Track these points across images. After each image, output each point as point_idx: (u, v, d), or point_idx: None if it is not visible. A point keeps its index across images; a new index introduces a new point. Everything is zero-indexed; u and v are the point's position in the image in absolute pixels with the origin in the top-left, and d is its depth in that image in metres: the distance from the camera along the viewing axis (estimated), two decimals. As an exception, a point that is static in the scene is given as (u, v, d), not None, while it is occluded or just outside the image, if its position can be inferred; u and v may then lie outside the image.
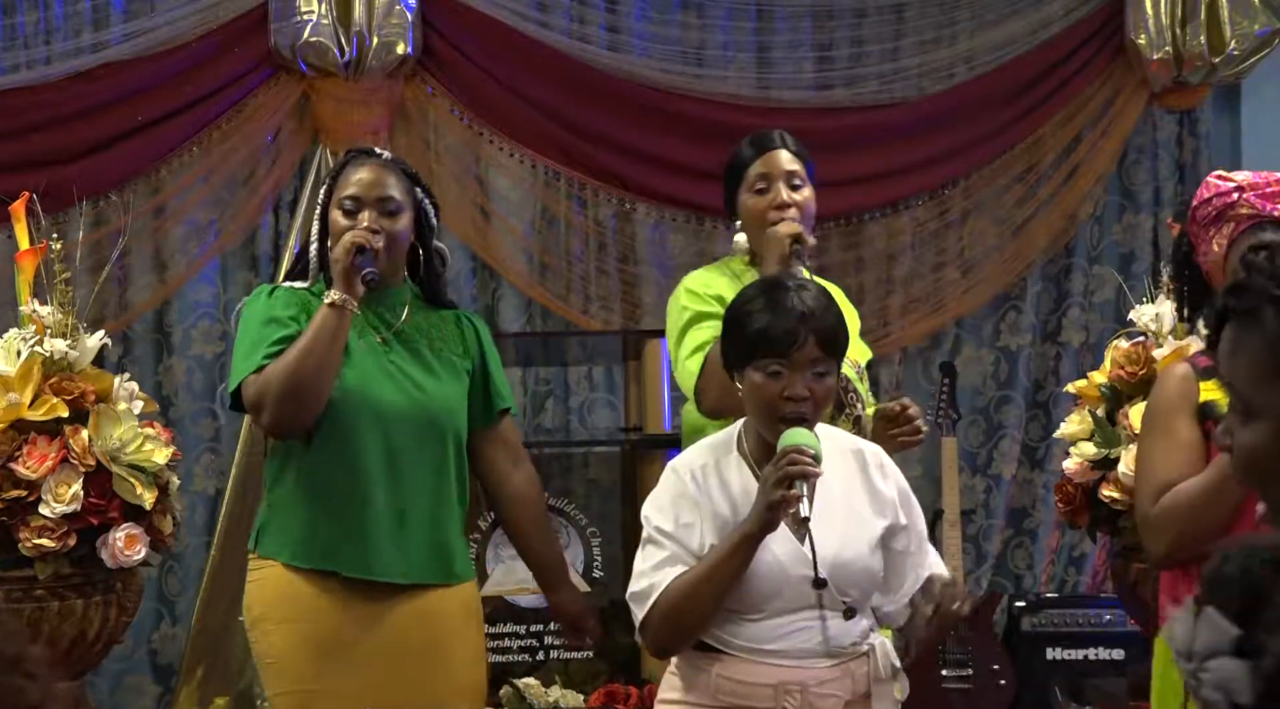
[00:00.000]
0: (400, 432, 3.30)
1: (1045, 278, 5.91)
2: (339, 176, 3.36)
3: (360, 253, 3.22)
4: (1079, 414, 4.15)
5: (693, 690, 2.82)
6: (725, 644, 2.79)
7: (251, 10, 5.47)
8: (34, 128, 5.39)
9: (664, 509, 2.84)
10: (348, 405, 3.26)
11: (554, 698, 4.75)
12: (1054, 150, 5.84)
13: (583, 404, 5.73)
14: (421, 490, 3.33)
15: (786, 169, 3.56)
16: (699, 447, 2.93)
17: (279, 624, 3.31)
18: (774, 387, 2.74)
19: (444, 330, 3.44)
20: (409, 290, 3.44)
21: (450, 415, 3.37)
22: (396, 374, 3.33)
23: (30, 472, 3.78)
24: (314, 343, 3.19)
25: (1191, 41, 5.70)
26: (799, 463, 2.65)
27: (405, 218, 3.34)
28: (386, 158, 3.41)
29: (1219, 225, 3.05)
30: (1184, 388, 2.98)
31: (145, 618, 5.34)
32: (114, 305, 5.43)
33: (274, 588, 3.32)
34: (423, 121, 5.64)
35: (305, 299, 3.35)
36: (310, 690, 3.28)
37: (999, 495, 5.85)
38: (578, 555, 4.91)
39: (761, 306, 2.77)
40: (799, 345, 2.73)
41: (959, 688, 5.13)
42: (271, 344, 3.25)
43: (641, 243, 5.76)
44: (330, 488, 3.28)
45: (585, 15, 5.73)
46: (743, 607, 2.77)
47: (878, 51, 5.85)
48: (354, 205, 3.30)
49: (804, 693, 2.76)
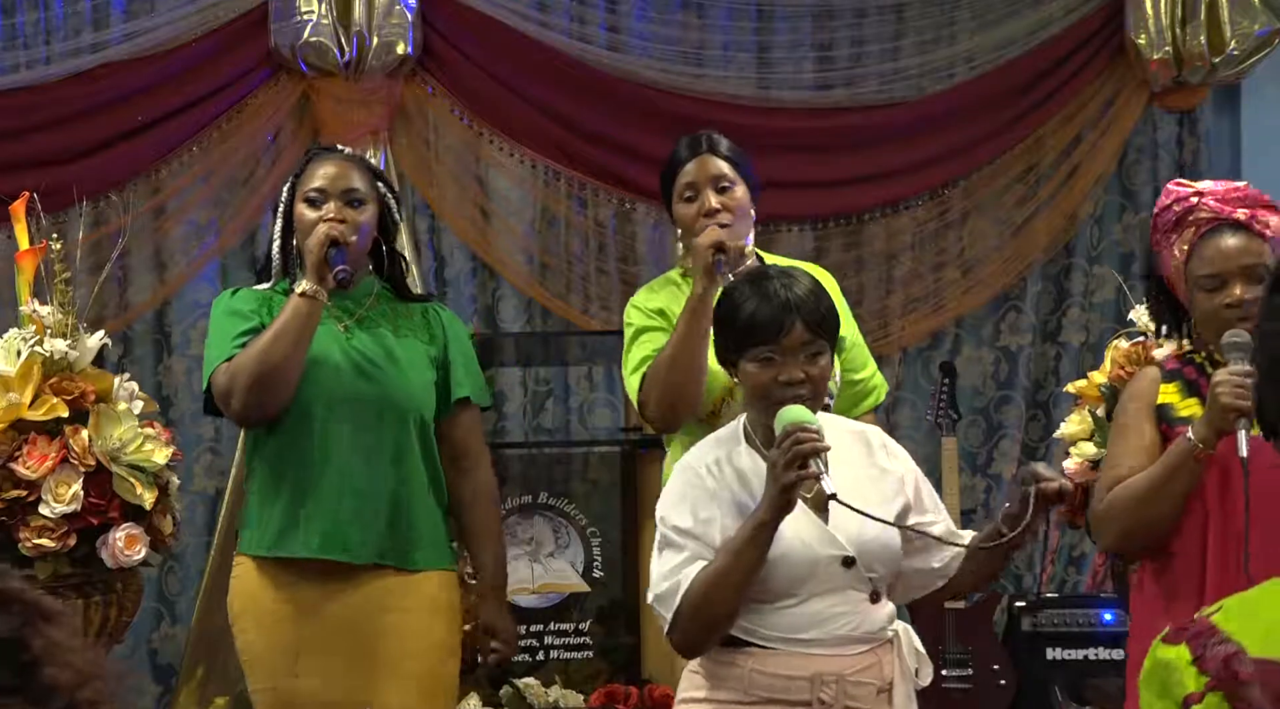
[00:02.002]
0: (357, 414, 3.32)
1: (1045, 278, 5.91)
2: (302, 173, 3.42)
3: (333, 246, 3.26)
4: (1079, 414, 4.15)
5: (720, 687, 2.77)
6: (757, 635, 2.75)
7: (251, 10, 5.47)
8: (34, 128, 5.39)
9: (680, 507, 2.79)
10: (304, 388, 3.29)
11: (554, 698, 4.75)
12: (1054, 150, 5.83)
13: (583, 404, 5.73)
14: (380, 474, 3.33)
15: (712, 173, 3.55)
16: (705, 443, 2.91)
17: (253, 620, 3.35)
18: (768, 373, 2.75)
19: (410, 321, 3.46)
20: (376, 283, 3.47)
21: (411, 400, 3.37)
22: (356, 357, 3.35)
23: (30, 472, 3.78)
24: (283, 330, 3.23)
25: (1191, 41, 5.70)
26: (806, 440, 2.63)
27: (369, 210, 3.38)
28: (349, 153, 3.49)
29: (1180, 230, 3.05)
30: (1147, 389, 3.06)
31: (145, 618, 5.34)
32: (114, 305, 5.42)
33: (246, 584, 3.37)
34: (423, 121, 5.64)
35: (267, 297, 3.39)
36: (284, 686, 3.32)
37: (999, 495, 5.85)
38: (577, 555, 4.91)
39: (747, 297, 2.78)
40: (786, 330, 2.73)
41: (959, 688, 5.12)
42: (237, 336, 3.30)
43: (641, 243, 5.76)
44: (289, 472, 3.32)
45: (585, 15, 5.73)
46: (773, 594, 2.74)
47: (878, 51, 5.85)
48: (319, 196, 3.35)
49: (840, 683, 2.74)
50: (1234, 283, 2.97)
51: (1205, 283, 2.99)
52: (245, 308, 3.37)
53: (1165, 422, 3.03)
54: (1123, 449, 3.06)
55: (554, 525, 4.88)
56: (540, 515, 4.95)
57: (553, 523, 4.87)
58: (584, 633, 4.92)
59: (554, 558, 4.84)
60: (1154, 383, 3.07)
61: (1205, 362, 3.05)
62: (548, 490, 4.86)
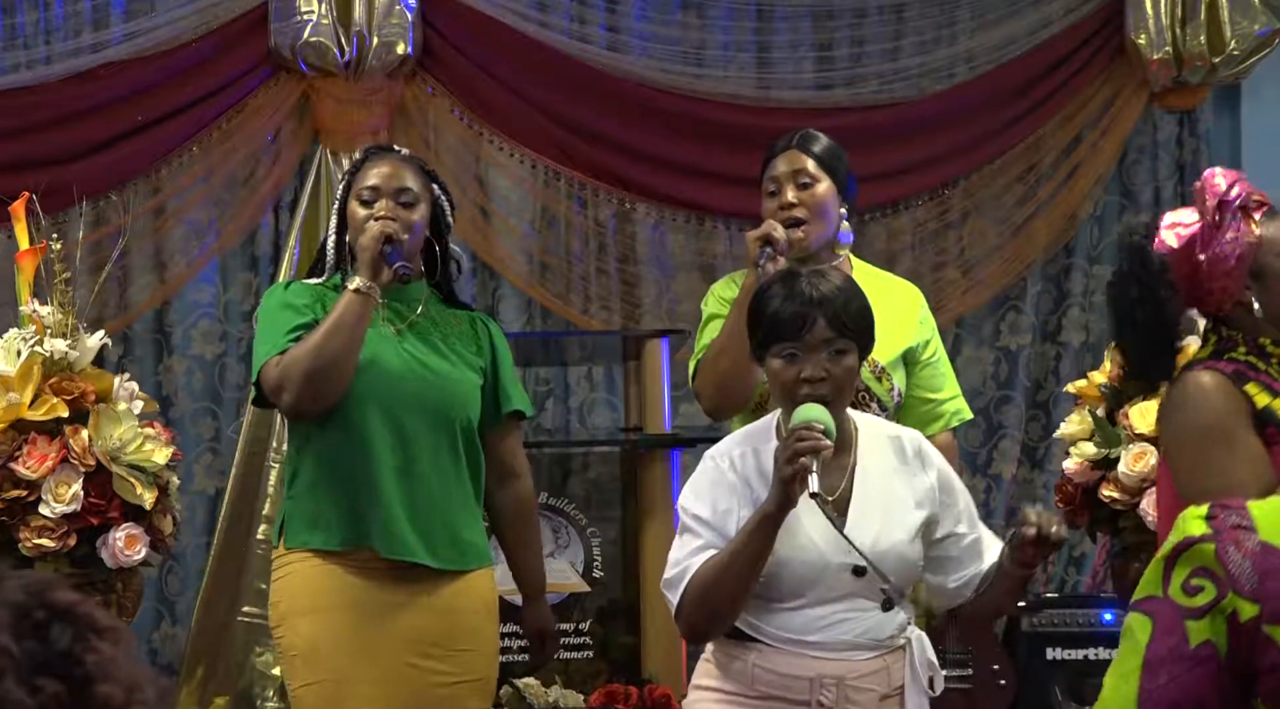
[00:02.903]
0: (411, 414, 3.34)
1: (1045, 278, 5.91)
2: (358, 172, 3.44)
3: (389, 242, 3.27)
4: (1079, 414, 4.15)
5: (729, 679, 2.83)
6: (764, 634, 2.79)
7: (251, 10, 5.47)
8: (34, 128, 5.39)
9: (702, 496, 2.84)
10: (360, 388, 3.30)
11: (554, 698, 4.75)
12: (1054, 150, 5.83)
13: (583, 404, 5.73)
14: (435, 474, 3.36)
15: (793, 168, 3.61)
16: (735, 436, 2.95)
17: (307, 615, 3.33)
18: (791, 370, 2.77)
19: (459, 328, 3.49)
20: (425, 287, 3.49)
21: (461, 403, 3.40)
22: (409, 359, 3.38)
23: (30, 472, 3.78)
24: (338, 326, 3.25)
25: (1191, 41, 5.70)
26: (807, 438, 2.66)
27: (421, 210, 3.40)
28: (404, 154, 3.51)
29: (1246, 211, 2.95)
30: (1232, 396, 2.84)
31: (145, 618, 5.34)
32: (114, 305, 5.42)
33: (302, 579, 3.34)
34: (423, 121, 5.64)
35: (320, 292, 3.41)
36: (338, 680, 3.30)
37: (999, 495, 5.85)
38: (577, 555, 4.91)
39: (774, 294, 2.82)
40: (808, 327, 2.75)
41: (959, 688, 5.12)
42: (291, 329, 3.31)
43: (641, 243, 5.76)
44: (347, 470, 3.32)
45: (585, 15, 5.73)
46: (781, 595, 2.77)
47: (878, 51, 5.85)
48: (372, 195, 3.38)
49: (840, 686, 2.76)
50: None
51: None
52: (299, 302, 3.38)
53: (1273, 424, 2.83)
54: (1239, 469, 2.78)
55: (554, 525, 4.87)
56: (540, 515, 4.93)
57: (553, 523, 4.87)
58: (584, 633, 4.92)
59: (554, 558, 4.84)
60: (1232, 389, 2.84)
61: (1250, 356, 2.89)
62: (548, 490, 4.85)
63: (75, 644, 1.29)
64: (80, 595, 1.34)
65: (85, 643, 1.29)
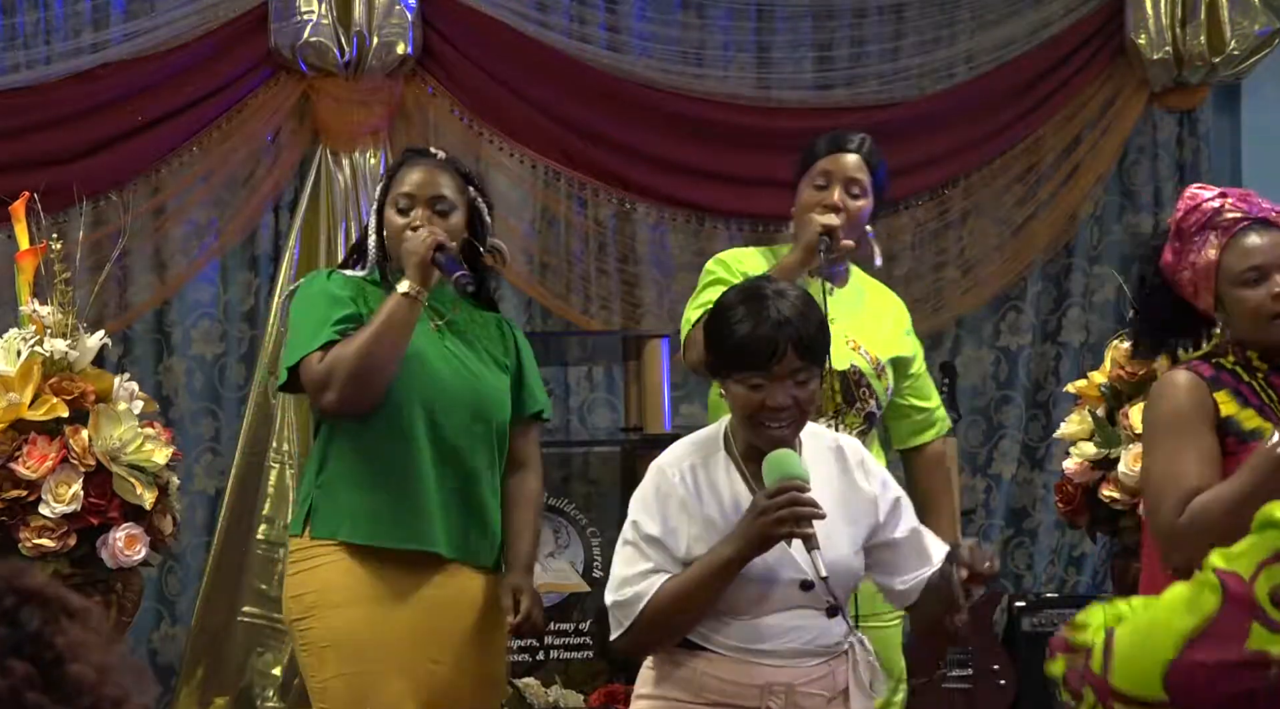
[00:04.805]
0: (453, 412, 3.34)
1: (1045, 278, 5.91)
2: (395, 176, 3.44)
3: (440, 250, 3.27)
4: (1079, 414, 4.15)
5: (673, 686, 2.82)
6: (712, 643, 2.80)
7: (251, 10, 5.47)
8: (34, 128, 5.39)
9: (651, 511, 2.83)
10: (402, 381, 3.30)
11: (554, 698, 4.75)
12: (1054, 150, 5.84)
13: (583, 404, 5.73)
14: (472, 473, 3.37)
15: (850, 175, 3.65)
16: (685, 443, 2.93)
17: (341, 607, 3.31)
18: (756, 398, 2.76)
19: (488, 330, 3.50)
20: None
21: (498, 403, 3.42)
22: (451, 357, 3.38)
23: (30, 472, 3.78)
24: (385, 329, 3.24)
25: (1191, 41, 5.70)
26: (804, 504, 2.68)
27: (457, 216, 3.40)
28: (441, 157, 3.49)
29: (1205, 233, 3.03)
30: (1199, 397, 2.94)
31: (145, 618, 5.34)
32: (114, 305, 5.42)
33: (335, 571, 3.32)
34: (423, 121, 5.64)
35: (360, 285, 3.40)
36: (372, 672, 3.29)
37: (999, 495, 5.86)
38: (577, 555, 4.91)
39: (740, 318, 2.77)
40: (777, 358, 2.74)
41: (959, 688, 5.13)
42: (336, 323, 3.30)
43: (641, 243, 5.76)
44: (385, 464, 3.32)
45: (585, 15, 5.73)
46: (730, 608, 2.79)
47: (878, 51, 5.85)
48: (407, 203, 3.37)
49: (789, 693, 2.79)
50: (1274, 275, 2.95)
51: (1248, 276, 2.96)
52: (343, 293, 3.36)
53: (1233, 435, 2.92)
54: (1188, 460, 2.89)
55: (554, 525, 4.88)
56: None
57: (553, 523, 4.87)
58: (584, 633, 4.92)
59: (554, 558, 4.85)
60: (1203, 391, 2.95)
61: (1238, 366, 3.01)
62: (548, 490, 4.85)
63: (45, 627, 1.30)
64: (51, 579, 1.35)
65: (55, 625, 1.31)
